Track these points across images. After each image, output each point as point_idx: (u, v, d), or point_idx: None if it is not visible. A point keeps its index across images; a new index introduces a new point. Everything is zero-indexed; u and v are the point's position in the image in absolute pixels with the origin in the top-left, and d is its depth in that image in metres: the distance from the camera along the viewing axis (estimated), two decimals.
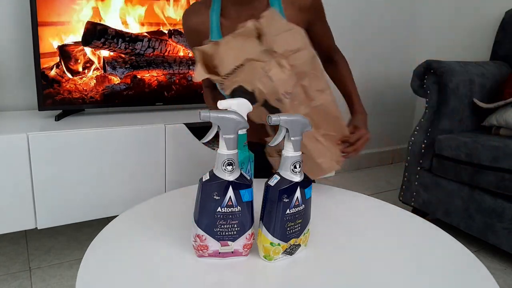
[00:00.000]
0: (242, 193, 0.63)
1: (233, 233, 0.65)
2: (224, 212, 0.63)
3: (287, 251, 0.68)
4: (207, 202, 0.63)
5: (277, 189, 0.64)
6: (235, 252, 0.67)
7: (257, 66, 0.83)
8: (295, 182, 0.65)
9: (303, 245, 0.71)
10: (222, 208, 0.63)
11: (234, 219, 0.64)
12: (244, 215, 0.64)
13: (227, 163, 0.62)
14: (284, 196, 0.64)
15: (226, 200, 0.63)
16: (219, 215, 0.63)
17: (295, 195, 0.65)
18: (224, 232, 0.64)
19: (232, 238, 0.65)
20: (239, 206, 0.64)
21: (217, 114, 0.62)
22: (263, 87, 0.82)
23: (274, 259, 0.67)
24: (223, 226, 0.64)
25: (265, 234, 0.66)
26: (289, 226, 0.66)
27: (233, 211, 0.63)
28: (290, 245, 0.68)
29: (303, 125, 0.65)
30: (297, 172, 0.65)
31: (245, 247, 0.67)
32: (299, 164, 0.65)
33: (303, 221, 0.68)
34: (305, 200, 0.67)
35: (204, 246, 0.65)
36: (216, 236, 0.64)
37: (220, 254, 0.66)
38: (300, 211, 0.67)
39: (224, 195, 0.62)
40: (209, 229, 0.64)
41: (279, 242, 0.66)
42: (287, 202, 0.64)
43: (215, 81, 0.87)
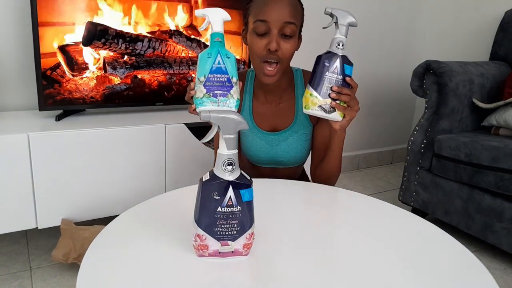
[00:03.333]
0: (242, 193, 0.64)
1: (233, 232, 0.65)
2: (224, 212, 0.64)
3: (323, 107, 0.86)
4: (207, 202, 0.63)
5: (322, 55, 0.86)
6: (235, 251, 0.67)
7: None
8: (337, 54, 0.87)
9: (338, 113, 0.88)
10: (222, 208, 0.64)
11: (234, 219, 0.65)
12: (244, 215, 0.65)
13: (227, 163, 0.63)
14: (326, 61, 0.85)
15: (226, 200, 0.63)
16: (219, 215, 0.64)
17: (335, 64, 0.86)
18: (224, 232, 0.65)
19: (232, 238, 0.66)
20: (239, 206, 0.64)
21: (217, 115, 0.62)
22: None
23: (311, 109, 0.87)
24: (223, 226, 0.65)
25: (308, 88, 0.87)
26: (326, 86, 0.85)
27: (233, 211, 0.64)
28: (326, 103, 0.86)
29: (350, 19, 0.85)
30: (340, 48, 0.87)
31: (245, 246, 0.67)
32: (343, 44, 0.87)
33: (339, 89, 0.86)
34: (344, 73, 0.86)
35: (204, 245, 0.66)
36: (216, 235, 0.65)
37: (220, 254, 0.67)
38: (338, 79, 0.86)
39: (224, 195, 0.63)
40: (209, 229, 0.65)
41: (317, 95, 0.85)
42: (327, 66, 0.85)
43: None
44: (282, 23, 0.93)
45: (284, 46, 0.94)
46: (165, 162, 1.49)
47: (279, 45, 0.94)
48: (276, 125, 1.11)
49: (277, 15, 0.92)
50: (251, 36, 0.96)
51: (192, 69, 1.68)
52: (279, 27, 0.93)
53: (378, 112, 2.64)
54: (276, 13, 0.92)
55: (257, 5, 0.95)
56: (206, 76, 0.79)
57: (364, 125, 2.61)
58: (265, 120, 1.10)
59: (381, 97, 2.63)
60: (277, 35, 0.93)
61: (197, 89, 0.80)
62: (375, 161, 2.71)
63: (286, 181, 1.04)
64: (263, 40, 0.94)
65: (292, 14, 0.93)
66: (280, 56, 0.95)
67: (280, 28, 0.93)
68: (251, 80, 1.11)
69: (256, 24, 0.94)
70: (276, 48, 0.93)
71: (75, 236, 1.32)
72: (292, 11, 0.94)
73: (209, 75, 0.79)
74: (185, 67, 1.66)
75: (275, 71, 0.96)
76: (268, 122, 1.10)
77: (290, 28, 0.93)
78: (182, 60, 1.65)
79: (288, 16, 0.93)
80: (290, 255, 0.70)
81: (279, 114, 1.10)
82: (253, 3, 0.97)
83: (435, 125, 1.73)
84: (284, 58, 0.96)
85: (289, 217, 0.84)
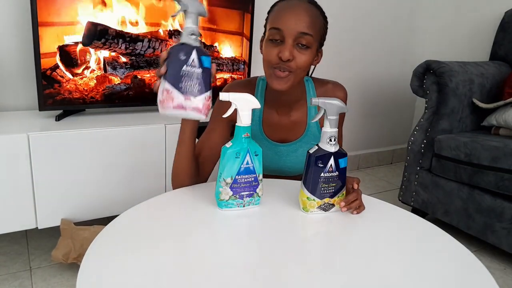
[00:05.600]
0: (203, 59, 0.78)
1: (195, 90, 0.78)
2: (188, 71, 0.77)
3: (322, 207, 0.85)
4: (175, 62, 0.77)
5: (314, 156, 0.82)
6: (196, 108, 0.79)
7: None
8: (330, 152, 0.81)
9: (337, 206, 0.86)
10: (188, 67, 0.77)
11: (196, 77, 0.78)
12: (205, 78, 0.79)
13: (191, 33, 0.78)
14: (319, 162, 0.82)
15: (190, 61, 0.77)
16: (185, 73, 0.77)
17: (329, 162, 0.82)
18: (188, 88, 0.78)
19: (194, 94, 0.78)
20: (200, 68, 0.78)
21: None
22: None
23: (310, 212, 0.85)
24: (187, 82, 0.78)
25: (303, 190, 0.84)
26: (323, 187, 0.82)
27: (197, 73, 0.78)
28: (324, 202, 0.84)
29: (339, 107, 0.81)
30: (332, 144, 0.81)
31: (204, 106, 0.80)
32: (334, 138, 0.81)
33: (337, 185, 0.84)
34: (339, 168, 0.83)
35: (170, 98, 0.77)
36: (181, 90, 0.77)
37: (184, 107, 0.78)
38: (334, 177, 0.83)
39: (189, 56, 0.77)
40: (175, 83, 0.77)
41: (314, 198, 0.83)
42: (321, 167, 0.82)
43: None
44: (296, 33, 0.88)
45: (299, 56, 0.90)
46: (165, 162, 1.49)
47: (293, 54, 0.89)
48: (286, 136, 1.07)
49: (292, 24, 0.88)
50: (266, 44, 0.93)
51: None
52: (293, 36, 0.88)
53: (378, 112, 2.64)
54: (291, 22, 0.88)
55: (274, 13, 0.92)
56: (233, 178, 0.80)
57: (364, 125, 2.61)
58: (275, 131, 1.06)
59: (381, 97, 2.63)
60: (292, 44, 0.89)
61: (222, 191, 0.81)
62: (375, 161, 2.71)
63: (286, 181, 1.04)
64: (276, 48, 0.90)
65: (308, 25, 0.89)
66: (292, 66, 0.90)
67: (294, 38, 0.89)
68: (261, 89, 1.05)
69: (270, 32, 0.91)
70: (288, 57, 0.88)
71: (75, 236, 1.32)
72: (309, 22, 0.89)
73: (236, 176, 0.80)
74: None
75: (286, 76, 0.91)
76: (278, 133, 1.07)
77: (305, 39, 0.89)
78: None
79: (304, 26, 0.88)
80: (290, 254, 0.70)
81: (290, 127, 1.06)
82: (272, 10, 0.94)
83: (435, 125, 1.73)
84: (297, 69, 0.91)
85: (289, 217, 0.84)
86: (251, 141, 0.81)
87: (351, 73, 2.44)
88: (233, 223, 0.80)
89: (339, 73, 2.39)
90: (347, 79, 2.44)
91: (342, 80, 2.49)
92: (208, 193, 0.91)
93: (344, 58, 2.38)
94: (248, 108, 0.79)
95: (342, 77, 2.42)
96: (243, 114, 0.79)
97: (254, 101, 0.80)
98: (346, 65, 2.40)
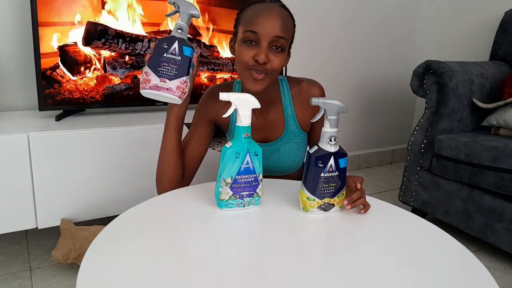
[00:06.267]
0: (184, 48, 0.84)
1: (171, 74, 0.84)
2: (168, 57, 0.83)
3: (322, 207, 0.84)
4: (158, 49, 0.83)
5: (314, 156, 0.81)
6: (170, 89, 0.84)
7: None
8: (330, 152, 0.81)
9: (337, 206, 0.86)
10: (168, 54, 0.84)
11: (174, 63, 0.84)
12: (183, 64, 0.84)
13: (179, 27, 0.85)
14: (319, 162, 0.81)
15: (171, 50, 0.84)
16: (164, 59, 0.83)
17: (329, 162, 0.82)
18: (164, 72, 0.83)
19: (169, 78, 0.84)
20: (180, 56, 0.84)
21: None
22: None
23: (310, 212, 0.84)
24: (165, 67, 0.83)
25: (303, 190, 0.84)
26: (323, 187, 0.82)
27: (175, 59, 0.84)
28: (324, 202, 0.84)
29: (339, 107, 0.80)
30: (332, 144, 0.81)
31: (178, 88, 0.84)
32: (334, 138, 0.81)
33: (337, 185, 0.84)
34: (339, 168, 0.83)
35: (148, 79, 0.83)
36: (158, 73, 0.83)
37: (158, 88, 0.83)
38: (334, 177, 0.83)
39: (171, 46, 0.83)
40: (154, 68, 0.83)
41: (314, 198, 0.83)
42: (321, 167, 0.81)
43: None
44: (272, 37, 0.91)
45: (273, 59, 0.92)
46: None
47: (268, 57, 0.92)
48: (266, 137, 1.09)
49: (268, 28, 0.90)
50: (240, 46, 0.94)
51: None
52: (269, 40, 0.91)
53: (378, 112, 2.64)
54: (267, 25, 0.90)
55: (248, 16, 0.94)
56: (233, 177, 0.80)
57: (364, 125, 2.61)
58: (255, 132, 1.07)
59: (381, 97, 2.63)
60: (267, 47, 0.92)
61: (222, 191, 0.81)
62: (375, 161, 2.71)
63: (286, 181, 1.04)
64: (251, 50, 0.92)
65: (283, 28, 0.92)
66: (268, 68, 0.93)
67: (270, 41, 0.91)
68: (237, 91, 1.08)
69: (245, 34, 0.92)
70: (264, 60, 0.91)
71: (75, 236, 1.32)
72: (283, 25, 0.92)
73: (236, 176, 0.80)
74: None
75: (262, 78, 0.94)
76: (257, 134, 1.08)
77: (280, 42, 0.92)
78: None
79: (279, 30, 0.91)
80: (290, 254, 0.70)
81: (268, 127, 1.08)
82: (243, 13, 0.96)
83: (435, 125, 1.73)
84: (272, 71, 0.94)
85: (289, 217, 0.84)
86: (251, 141, 0.81)
87: (351, 73, 2.44)
88: (233, 223, 0.80)
89: (339, 73, 2.39)
90: (347, 79, 2.45)
91: (342, 79, 2.49)
92: (208, 193, 0.91)
93: (344, 58, 2.38)
94: (248, 108, 0.79)
95: (342, 77, 2.42)
96: (243, 114, 0.79)
97: (254, 101, 0.80)
98: (346, 65, 2.40)
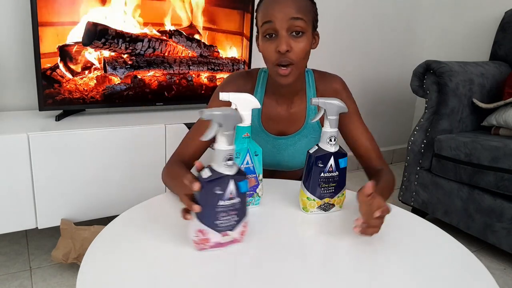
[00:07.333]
0: (240, 186, 0.67)
1: (232, 223, 0.68)
2: (226, 205, 0.66)
3: (321, 207, 0.84)
4: (209, 197, 0.65)
5: (314, 156, 0.81)
6: (234, 240, 0.70)
7: None
8: (330, 152, 0.81)
9: (337, 206, 0.86)
10: (225, 201, 0.66)
11: (233, 210, 0.67)
12: (242, 204, 0.68)
13: (228, 157, 0.65)
14: (319, 162, 0.80)
15: (227, 195, 0.66)
16: (221, 208, 0.66)
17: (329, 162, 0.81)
18: (225, 223, 0.68)
19: (231, 228, 0.69)
20: (238, 198, 0.67)
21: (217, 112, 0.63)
22: None
23: (310, 212, 0.85)
24: (224, 218, 0.67)
25: (303, 190, 0.84)
26: (323, 187, 0.82)
27: (234, 203, 0.67)
28: (324, 202, 0.84)
29: (339, 107, 0.79)
30: (332, 144, 0.81)
31: (241, 233, 0.71)
32: (334, 138, 0.81)
33: (337, 185, 0.83)
34: (339, 168, 0.82)
35: (206, 239, 0.67)
36: (217, 228, 0.67)
37: (221, 244, 0.69)
38: (334, 177, 0.82)
39: (225, 189, 0.65)
40: (211, 223, 0.66)
41: (314, 198, 0.83)
42: (321, 167, 0.81)
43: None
44: (288, 20, 0.88)
45: (296, 45, 0.89)
46: (165, 162, 1.49)
47: (290, 45, 0.89)
48: (285, 129, 1.07)
49: (282, 12, 0.88)
50: (262, 42, 0.93)
51: (191, 69, 1.67)
52: (286, 25, 0.88)
53: (378, 112, 2.64)
54: (281, 10, 0.88)
55: (263, 9, 0.93)
56: None
57: None
58: (275, 124, 1.06)
59: (381, 97, 2.63)
60: (286, 35, 0.89)
61: None
62: None
63: (286, 181, 1.04)
64: (272, 44, 0.90)
65: (298, 9, 0.89)
66: (292, 57, 0.90)
67: (288, 26, 0.88)
68: (263, 80, 1.05)
69: (263, 28, 0.91)
70: (286, 49, 0.88)
71: (75, 236, 1.32)
72: (298, 6, 0.89)
73: None
74: (185, 67, 1.66)
75: (289, 72, 0.91)
76: (277, 126, 1.06)
77: (298, 23, 0.88)
78: (182, 60, 1.65)
79: (294, 11, 0.88)
80: (290, 254, 0.70)
81: (289, 119, 1.06)
82: (259, 8, 0.95)
83: (435, 125, 1.73)
84: (297, 59, 0.90)
85: (289, 217, 0.84)
86: (251, 141, 0.81)
87: (351, 73, 2.44)
88: None
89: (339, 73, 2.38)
90: (347, 79, 2.43)
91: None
92: None
93: (344, 58, 2.38)
94: (248, 108, 0.79)
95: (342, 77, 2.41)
96: (243, 114, 0.78)
97: (254, 101, 0.80)
98: (346, 65, 2.40)
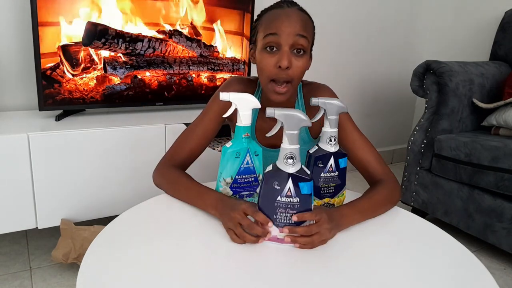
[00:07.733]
0: (301, 186, 0.69)
1: (290, 220, 0.71)
2: (284, 202, 0.69)
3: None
4: (269, 191, 0.70)
5: (314, 156, 0.81)
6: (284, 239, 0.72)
7: None
8: (330, 152, 0.81)
9: (337, 206, 0.85)
10: (282, 197, 0.69)
11: (292, 209, 0.70)
12: (302, 206, 0.70)
13: (289, 156, 0.69)
14: (319, 162, 0.81)
15: (285, 191, 0.69)
16: (278, 204, 0.69)
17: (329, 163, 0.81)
18: (281, 220, 0.71)
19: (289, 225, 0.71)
20: (297, 197, 0.69)
21: (282, 112, 0.69)
22: None
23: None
24: (282, 214, 0.70)
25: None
26: (323, 187, 0.82)
27: (292, 202, 0.69)
28: (324, 202, 0.84)
29: (339, 107, 0.79)
30: (332, 144, 0.81)
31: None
32: (334, 138, 0.81)
33: (337, 185, 0.83)
34: (339, 168, 0.83)
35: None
36: (275, 222, 0.71)
37: (278, 240, 0.71)
38: (334, 177, 0.83)
39: (284, 186, 0.69)
40: (270, 216, 0.70)
41: (314, 198, 0.81)
42: (321, 167, 0.81)
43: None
44: (294, 35, 0.87)
45: (296, 63, 0.88)
46: None
47: (291, 62, 0.88)
48: (276, 142, 1.04)
49: (290, 27, 0.87)
50: (261, 54, 0.90)
51: (191, 69, 1.67)
52: (291, 41, 0.87)
53: (378, 112, 2.64)
54: (288, 25, 0.87)
55: (267, 21, 0.91)
56: (233, 177, 0.80)
57: (364, 125, 2.61)
58: (264, 138, 1.04)
59: (381, 97, 2.63)
60: (289, 51, 0.88)
61: (222, 190, 0.81)
62: None
63: None
64: (273, 57, 0.88)
65: (305, 27, 0.89)
66: (291, 74, 0.88)
67: (292, 42, 0.87)
68: (261, 91, 1.03)
69: (266, 39, 0.88)
70: (287, 65, 0.86)
71: (75, 236, 1.32)
72: (303, 25, 0.89)
73: (236, 176, 0.80)
74: (185, 67, 1.66)
75: (286, 90, 0.90)
76: (268, 139, 1.03)
77: (302, 41, 0.88)
78: (182, 60, 1.65)
79: (301, 28, 0.88)
80: (290, 254, 0.70)
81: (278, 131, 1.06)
82: (262, 19, 0.93)
83: (435, 125, 1.73)
84: (295, 77, 0.89)
85: None
86: (251, 141, 0.81)
87: (351, 73, 2.44)
88: None
89: (339, 73, 2.39)
90: (347, 79, 2.45)
91: (342, 80, 2.49)
92: None
93: (344, 58, 2.38)
94: (248, 108, 0.79)
95: (342, 77, 2.42)
96: (243, 114, 0.78)
97: (255, 101, 0.80)
98: (346, 65, 2.40)
